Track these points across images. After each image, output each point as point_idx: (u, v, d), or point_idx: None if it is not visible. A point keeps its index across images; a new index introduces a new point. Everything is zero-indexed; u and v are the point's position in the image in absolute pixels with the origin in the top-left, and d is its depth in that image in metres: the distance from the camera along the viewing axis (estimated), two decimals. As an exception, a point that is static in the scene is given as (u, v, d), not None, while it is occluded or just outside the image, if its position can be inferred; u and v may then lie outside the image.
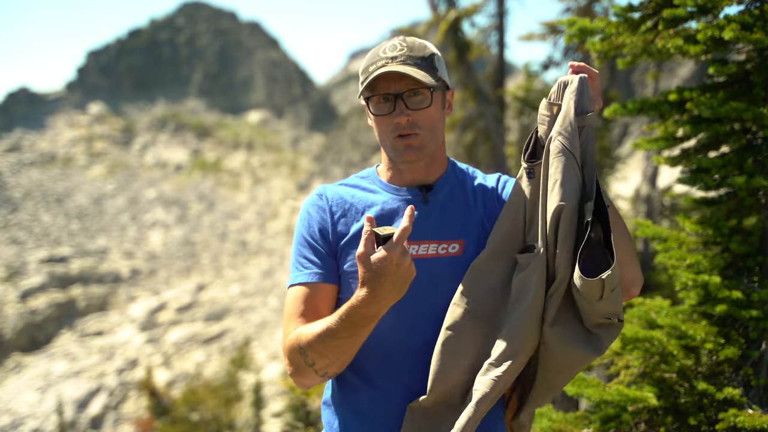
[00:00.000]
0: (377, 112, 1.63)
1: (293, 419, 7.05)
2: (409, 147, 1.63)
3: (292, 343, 1.52)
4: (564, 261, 1.46)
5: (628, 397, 2.36)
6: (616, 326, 1.48)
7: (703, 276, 2.38)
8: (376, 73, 1.59)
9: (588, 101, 1.52)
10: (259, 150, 65.18)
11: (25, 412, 32.38)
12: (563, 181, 1.45)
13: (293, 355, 1.52)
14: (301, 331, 1.52)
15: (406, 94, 1.61)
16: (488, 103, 10.58)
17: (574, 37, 2.64)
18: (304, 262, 1.65)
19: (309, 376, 1.53)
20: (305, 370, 1.51)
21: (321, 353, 1.47)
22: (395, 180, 1.72)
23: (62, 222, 51.96)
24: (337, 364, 1.50)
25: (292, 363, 1.53)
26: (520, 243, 1.58)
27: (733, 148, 2.50)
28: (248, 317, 40.75)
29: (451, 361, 1.53)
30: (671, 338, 2.45)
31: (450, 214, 1.67)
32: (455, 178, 1.74)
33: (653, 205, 10.92)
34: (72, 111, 67.56)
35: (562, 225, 1.45)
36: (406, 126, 1.61)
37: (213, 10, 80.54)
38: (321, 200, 1.71)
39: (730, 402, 2.27)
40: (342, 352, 1.47)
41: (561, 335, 1.50)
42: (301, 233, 1.70)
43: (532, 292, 1.49)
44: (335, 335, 1.44)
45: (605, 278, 1.38)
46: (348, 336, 1.44)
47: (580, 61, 1.84)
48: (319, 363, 1.49)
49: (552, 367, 1.54)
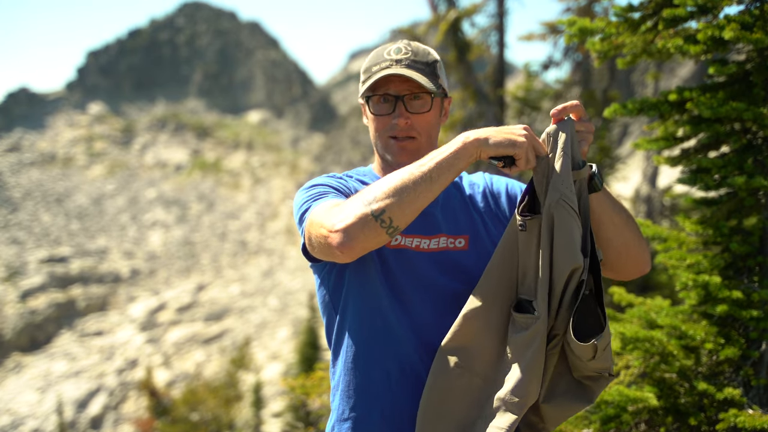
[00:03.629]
0: (376, 111, 1.65)
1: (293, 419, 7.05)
2: (404, 150, 1.65)
3: (351, 199, 1.42)
4: (565, 320, 1.45)
5: (628, 397, 2.35)
6: (606, 379, 1.49)
7: (703, 276, 2.38)
8: (381, 73, 1.61)
9: (578, 151, 1.49)
10: (259, 150, 65.16)
11: (25, 412, 32.38)
12: (573, 242, 1.42)
13: (351, 204, 1.40)
14: (363, 189, 1.45)
15: (407, 97, 1.63)
16: (488, 103, 10.57)
17: (574, 37, 2.64)
18: (332, 194, 1.59)
19: (365, 222, 1.36)
20: (365, 216, 1.36)
21: (394, 193, 1.37)
22: None
23: (62, 222, 51.94)
24: (403, 212, 1.37)
25: (347, 209, 1.39)
26: (513, 294, 1.53)
27: (733, 148, 2.50)
28: (248, 317, 40.74)
29: (437, 423, 1.48)
30: (671, 338, 2.45)
31: (450, 210, 1.69)
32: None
33: (653, 205, 10.93)
34: (72, 111, 67.53)
35: (570, 286, 1.44)
36: (405, 128, 1.63)
37: (213, 10, 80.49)
38: (337, 177, 1.72)
39: (730, 402, 2.27)
40: (416, 196, 1.37)
41: (554, 392, 1.50)
42: (324, 181, 1.65)
43: (533, 355, 1.44)
44: (416, 169, 1.39)
45: (598, 343, 1.40)
46: (434, 168, 1.39)
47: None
48: (386, 205, 1.36)
49: (544, 417, 1.53)
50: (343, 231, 1.37)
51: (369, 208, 1.37)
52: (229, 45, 76.57)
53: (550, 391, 1.50)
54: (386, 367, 1.60)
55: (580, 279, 1.43)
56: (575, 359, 1.46)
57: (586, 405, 1.50)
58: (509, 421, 1.42)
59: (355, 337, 1.63)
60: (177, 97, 72.73)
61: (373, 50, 1.75)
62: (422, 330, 1.59)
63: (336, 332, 1.69)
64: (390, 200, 1.37)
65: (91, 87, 71.10)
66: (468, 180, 1.80)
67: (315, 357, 21.21)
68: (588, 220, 1.50)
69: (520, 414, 1.43)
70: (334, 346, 1.71)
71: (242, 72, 75.31)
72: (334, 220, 1.39)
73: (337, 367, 1.68)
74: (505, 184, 1.79)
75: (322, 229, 1.43)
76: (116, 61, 73.43)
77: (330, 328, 1.72)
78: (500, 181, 1.80)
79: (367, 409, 1.60)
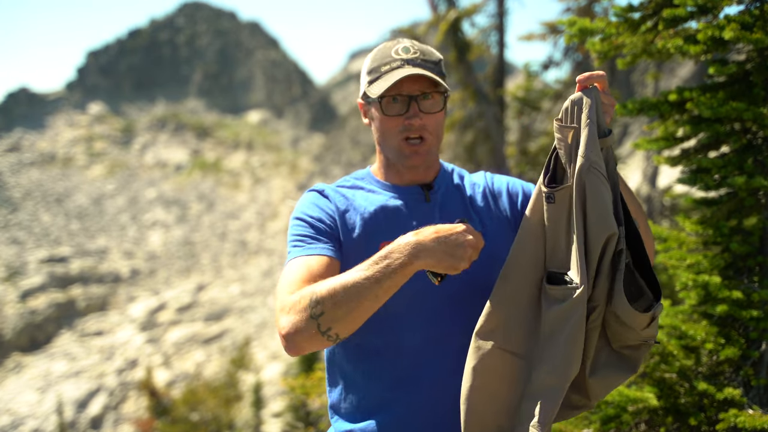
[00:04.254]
0: (390, 112, 1.62)
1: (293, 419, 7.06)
2: (417, 153, 1.64)
3: (302, 294, 1.41)
4: (604, 290, 1.43)
5: (628, 397, 2.35)
6: (648, 346, 1.47)
7: (703, 276, 2.38)
8: (397, 73, 1.59)
9: (603, 118, 1.47)
10: (259, 150, 65.17)
11: (25, 412, 32.38)
12: (607, 209, 1.40)
13: (298, 307, 1.40)
14: (316, 284, 1.42)
15: (419, 97, 1.61)
16: (488, 103, 10.57)
17: (574, 37, 2.64)
18: (310, 240, 1.58)
19: (308, 332, 1.39)
20: (308, 324, 1.38)
21: (337, 303, 1.36)
22: (394, 180, 1.72)
23: (62, 222, 51.95)
24: (346, 322, 1.38)
25: (294, 313, 1.40)
26: (542, 269, 1.50)
27: (733, 148, 2.50)
28: (248, 317, 40.75)
29: (483, 406, 1.45)
30: (671, 338, 2.45)
31: (450, 212, 1.68)
32: (448, 178, 1.76)
33: (653, 205, 10.93)
34: (72, 111, 67.54)
35: (607, 254, 1.41)
36: (419, 128, 1.62)
37: (213, 10, 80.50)
38: (323, 196, 1.69)
39: (730, 402, 2.27)
40: (359, 305, 1.36)
41: (597, 365, 1.48)
42: (307, 216, 1.64)
43: (573, 328, 1.41)
44: (361, 279, 1.36)
45: (656, 311, 1.40)
46: (372, 284, 1.35)
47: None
48: (329, 315, 1.37)
49: (589, 392, 1.51)
50: (289, 339, 1.41)
51: (315, 324, 1.38)
52: (229, 45, 76.57)
53: (593, 365, 1.48)
54: (386, 381, 1.59)
55: (617, 248, 1.41)
56: (620, 328, 1.43)
57: (631, 374, 1.48)
58: (553, 403, 1.40)
59: (353, 353, 1.63)
60: (177, 97, 72.73)
61: (374, 49, 1.72)
62: (421, 337, 1.58)
63: (329, 352, 1.70)
64: (338, 318, 1.38)
65: (91, 87, 71.10)
66: (470, 180, 1.78)
67: (315, 357, 21.18)
68: (617, 187, 1.48)
69: (563, 390, 1.41)
70: (328, 365, 1.71)
71: (242, 72, 75.32)
72: (283, 322, 1.42)
73: (334, 387, 1.69)
74: (506, 183, 1.78)
75: (276, 319, 1.46)
76: (116, 61, 73.44)
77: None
78: (501, 180, 1.79)
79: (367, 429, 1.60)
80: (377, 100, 1.62)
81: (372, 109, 1.67)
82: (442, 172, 1.75)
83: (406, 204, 1.67)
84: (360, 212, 1.65)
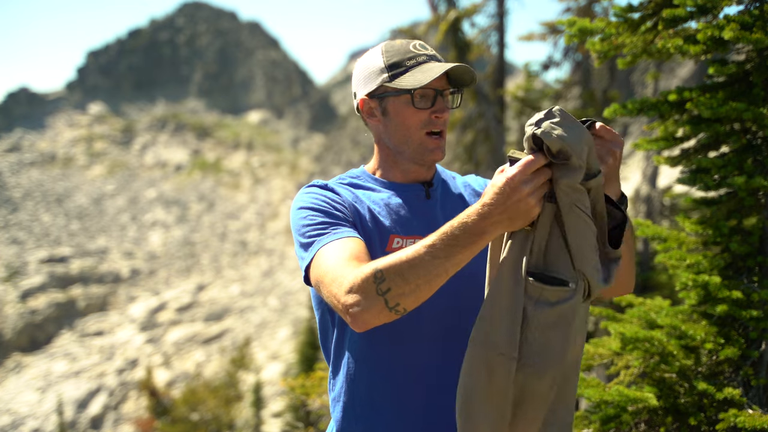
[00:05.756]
0: (420, 105, 1.61)
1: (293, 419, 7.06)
2: (438, 147, 1.65)
3: (364, 272, 1.37)
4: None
5: (628, 397, 2.35)
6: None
7: (703, 276, 2.38)
8: (440, 66, 1.58)
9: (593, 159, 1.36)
10: (259, 150, 65.17)
11: (25, 412, 32.40)
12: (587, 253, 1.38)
13: (363, 283, 1.36)
14: (377, 261, 1.38)
15: (446, 91, 1.64)
16: (488, 103, 10.58)
17: (574, 37, 2.64)
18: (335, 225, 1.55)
19: (376, 309, 1.36)
20: (375, 301, 1.35)
21: (405, 277, 1.33)
22: (397, 178, 1.72)
23: (62, 222, 51.95)
24: (415, 295, 1.35)
25: (359, 291, 1.36)
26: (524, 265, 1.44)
27: (733, 148, 2.50)
28: (248, 317, 40.75)
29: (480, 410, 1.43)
30: (671, 338, 2.44)
31: (449, 209, 1.68)
32: (443, 177, 1.79)
33: (653, 205, 10.91)
34: (72, 111, 67.55)
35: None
36: (442, 123, 1.64)
37: (213, 10, 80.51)
38: (329, 189, 1.67)
39: (730, 402, 2.27)
40: (427, 279, 1.33)
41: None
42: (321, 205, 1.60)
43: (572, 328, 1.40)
44: (429, 253, 1.32)
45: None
46: (443, 257, 1.32)
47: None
48: (396, 290, 1.34)
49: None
50: (357, 316, 1.38)
51: (383, 300, 1.35)
52: (229, 45, 76.57)
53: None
54: (391, 378, 1.59)
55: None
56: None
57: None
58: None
59: (357, 349, 1.62)
60: (177, 97, 72.73)
61: (374, 48, 1.70)
62: (428, 334, 1.59)
63: (335, 344, 1.67)
64: (407, 293, 1.35)
65: (91, 87, 71.11)
66: (461, 180, 1.81)
67: (315, 357, 21.19)
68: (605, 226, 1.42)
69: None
70: (333, 357, 1.69)
71: (242, 72, 75.32)
72: (349, 300, 1.38)
73: (337, 378, 1.67)
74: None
75: (335, 299, 1.42)
76: (116, 61, 73.45)
77: (325, 333, 1.70)
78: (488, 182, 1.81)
79: (370, 422, 1.59)
80: (409, 93, 1.60)
81: (390, 104, 1.64)
82: (437, 170, 1.78)
83: (408, 201, 1.67)
84: (367, 205, 1.65)
